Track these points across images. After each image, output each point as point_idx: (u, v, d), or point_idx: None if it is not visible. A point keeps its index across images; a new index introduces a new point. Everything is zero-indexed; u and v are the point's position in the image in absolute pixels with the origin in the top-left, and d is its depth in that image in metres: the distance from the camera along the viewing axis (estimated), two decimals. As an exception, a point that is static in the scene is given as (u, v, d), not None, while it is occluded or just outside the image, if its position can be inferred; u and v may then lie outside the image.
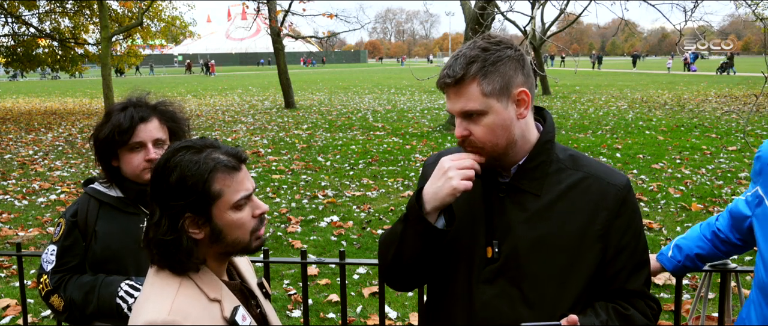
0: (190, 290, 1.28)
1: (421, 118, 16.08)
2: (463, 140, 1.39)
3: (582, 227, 1.39)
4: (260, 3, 20.52)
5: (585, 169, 1.43)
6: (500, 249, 1.41)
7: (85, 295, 1.79)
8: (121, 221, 1.86)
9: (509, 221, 1.41)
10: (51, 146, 12.12)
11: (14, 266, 5.08)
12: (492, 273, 1.42)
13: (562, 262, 1.39)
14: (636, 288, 1.42)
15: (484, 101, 1.34)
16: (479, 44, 1.36)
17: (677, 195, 7.05)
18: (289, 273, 4.87)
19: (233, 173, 1.30)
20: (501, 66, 1.34)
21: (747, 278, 4.49)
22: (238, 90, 30.43)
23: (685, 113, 15.88)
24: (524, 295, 1.39)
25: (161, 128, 1.87)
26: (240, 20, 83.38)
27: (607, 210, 1.39)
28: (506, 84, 1.35)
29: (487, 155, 1.39)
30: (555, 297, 1.39)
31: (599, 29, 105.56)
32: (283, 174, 8.86)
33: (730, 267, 2.21)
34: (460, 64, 1.34)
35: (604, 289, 1.42)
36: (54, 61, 21.87)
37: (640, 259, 1.43)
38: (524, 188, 1.42)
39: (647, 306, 1.43)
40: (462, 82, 1.34)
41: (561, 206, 1.40)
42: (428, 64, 72.69)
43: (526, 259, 1.39)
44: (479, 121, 1.36)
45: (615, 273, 1.41)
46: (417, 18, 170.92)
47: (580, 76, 36.81)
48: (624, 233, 1.40)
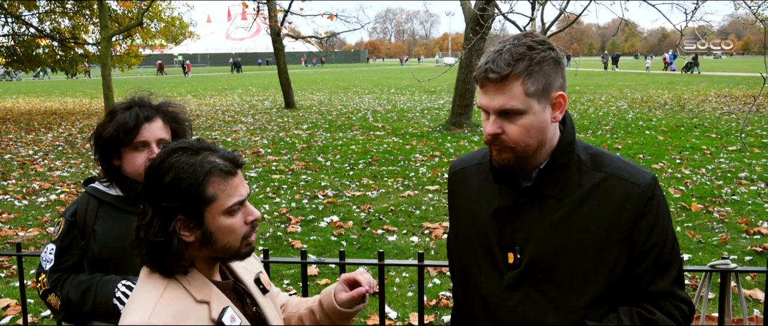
0: (175, 292, 1.26)
1: (421, 118, 16.08)
2: (493, 137, 1.35)
3: (606, 229, 1.36)
4: (260, 3, 20.52)
5: (607, 169, 1.40)
6: (522, 254, 1.40)
7: (82, 294, 1.79)
8: (119, 220, 1.86)
9: (532, 227, 1.40)
10: (51, 146, 12.12)
11: (14, 266, 5.08)
12: (514, 278, 1.41)
13: (586, 266, 1.36)
14: (664, 290, 1.38)
15: (526, 101, 1.31)
16: (525, 42, 1.32)
17: (677, 195, 7.05)
18: (289, 273, 4.87)
19: (229, 177, 1.28)
20: (545, 66, 1.32)
21: (747, 278, 4.49)
22: (238, 90, 30.43)
23: (685, 113, 15.88)
24: (548, 300, 1.38)
25: (165, 128, 1.88)
26: (240, 20, 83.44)
27: (630, 211, 1.36)
28: (548, 86, 1.32)
29: (515, 155, 1.36)
30: (578, 301, 1.37)
31: (599, 29, 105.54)
32: (283, 174, 8.86)
33: (731, 267, 2.20)
34: (505, 60, 1.30)
35: (630, 291, 1.39)
36: (54, 62, 21.86)
37: (668, 259, 1.39)
38: (547, 193, 1.39)
39: (676, 308, 1.38)
40: (506, 79, 1.30)
41: (584, 209, 1.37)
42: (435, 65, 72.24)
43: (549, 264, 1.38)
44: (516, 120, 1.33)
45: (640, 274, 1.38)
46: (417, 18, 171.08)
47: (581, 76, 36.80)
48: (650, 234, 1.37)
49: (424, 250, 4.93)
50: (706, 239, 5.51)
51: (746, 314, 2.28)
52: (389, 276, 4.77)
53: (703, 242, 5.42)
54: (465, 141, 11.71)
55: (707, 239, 5.49)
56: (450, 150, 10.67)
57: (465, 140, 11.91)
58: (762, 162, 8.89)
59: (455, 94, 13.55)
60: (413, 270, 4.80)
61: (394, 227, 6.08)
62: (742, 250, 5.22)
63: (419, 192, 7.57)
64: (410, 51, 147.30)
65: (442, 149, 10.77)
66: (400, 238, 5.79)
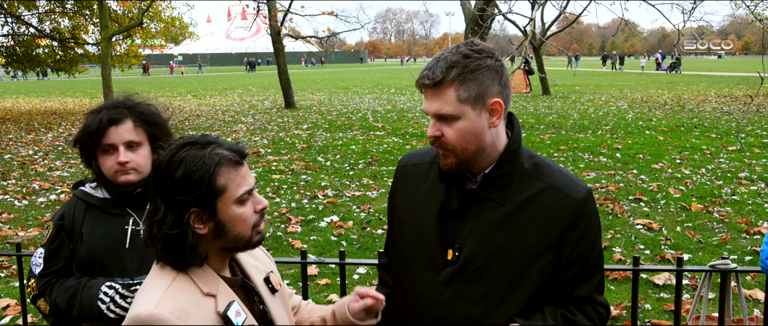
0: (183, 284, 1.29)
1: (421, 118, 16.08)
2: (434, 140, 1.43)
3: (538, 237, 1.44)
4: (260, 3, 20.51)
5: (546, 180, 1.47)
6: (460, 253, 1.47)
7: (69, 300, 1.79)
8: (105, 223, 1.86)
9: (472, 227, 1.47)
10: (51, 146, 12.12)
11: (14, 266, 5.08)
12: (449, 274, 1.48)
13: (516, 269, 1.44)
14: (586, 295, 1.48)
15: (459, 107, 1.38)
16: (461, 50, 1.39)
17: (677, 195, 7.05)
18: (289, 273, 4.87)
19: (237, 167, 1.33)
20: (479, 75, 1.38)
21: (747, 278, 4.50)
22: (238, 90, 30.44)
23: (685, 113, 15.88)
24: (478, 298, 1.46)
25: (135, 130, 1.83)
26: (240, 20, 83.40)
27: (562, 222, 1.43)
28: (482, 93, 1.38)
29: (457, 158, 1.43)
30: (507, 301, 1.45)
31: (599, 29, 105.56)
32: (283, 174, 8.86)
33: (731, 267, 2.20)
34: (440, 67, 1.37)
35: (555, 294, 1.48)
36: (54, 62, 21.88)
37: (591, 269, 1.49)
38: (489, 197, 1.46)
39: (595, 311, 1.50)
40: (440, 85, 1.38)
41: (521, 215, 1.44)
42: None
43: (483, 264, 1.45)
44: (452, 124, 1.40)
45: (566, 280, 1.47)
46: (417, 18, 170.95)
47: (581, 76, 36.82)
48: (576, 245, 1.45)
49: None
50: (706, 239, 5.51)
51: (746, 314, 2.29)
52: (389, 276, 4.78)
53: (703, 242, 5.42)
54: (465, 141, 11.71)
55: (707, 240, 5.49)
56: (450, 150, 10.66)
57: (465, 140, 11.91)
58: (762, 162, 8.89)
59: (455, 94, 13.53)
60: (413, 270, 4.79)
61: (394, 227, 6.08)
62: (742, 250, 5.22)
63: (419, 192, 7.56)
64: (410, 51, 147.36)
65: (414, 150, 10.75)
66: (400, 238, 5.78)
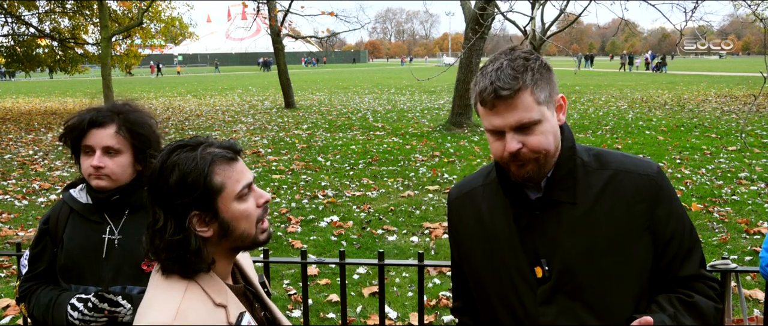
0: (196, 294, 1.25)
1: (421, 118, 16.08)
2: (514, 155, 1.33)
3: (625, 224, 1.37)
4: (260, 3, 20.51)
5: (613, 165, 1.41)
6: (550, 266, 1.38)
7: (45, 309, 1.77)
8: (84, 229, 1.82)
9: (552, 237, 1.39)
10: (51, 146, 12.12)
11: (14, 266, 5.08)
12: (547, 292, 1.39)
13: (616, 264, 1.36)
14: (693, 273, 1.40)
15: (539, 110, 1.32)
16: (518, 55, 1.33)
17: (677, 195, 7.05)
18: (289, 273, 4.87)
19: (232, 163, 1.29)
20: (545, 73, 1.34)
21: (747, 278, 4.49)
22: (238, 90, 30.43)
23: (685, 113, 15.88)
24: (587, 306, 1.37)
25: (116, 136, 1.76)
26: (240, 20, 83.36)
27: (645, 202, 1.37)
28: (551, 91, 1.35)
29: (538, 164, 1.35)
30: (617, 301, 1.37)
31: (599, 29, 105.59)
32: (283, 174, 8.86)
33: (731, 267, 2.20)
34: (508, 75, 1.30)
35: (662, 280, 1.40)
36: (54, 62, 21.87)
37: (690, 243, 1.41)
38: (560, 200, 1.39)
39: (709, 288, 1.41)
40: (517, 93, 1.30)
41: (599, 208, 1.37)
42: (436, 65, 71.99)
43: (580, 270, 1.37)
44: (534, 131, 1.32)
45: (669, 262, 1.39)
46: (417, 18, 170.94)
47: (581, 76, 36.80)
48: (669, 220, 1.38)
49: (424, 250, 4.93)
50: (706, 239, 5.51)
51: (746, 314, 2.28)
52: (389, 276, 4.78)
53: (703, 243, 5.42)
54: (465, 141, 11.71)
55: (707, 240, 5.49)
56: (450, 150, 10.67)
57: (465, 140, 11.91)
58: (762, 162, 8.89)
59: (455, 94, 13.54)
60: (413, 270, 4.80)
61: (394, 227, 6.09)
62: (742, 250, 5.22)
63: (419, 192, 7.57)
64: (410, 51, 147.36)
65: (442, 149, 10.77)
66: (400, 238, 5.79)
